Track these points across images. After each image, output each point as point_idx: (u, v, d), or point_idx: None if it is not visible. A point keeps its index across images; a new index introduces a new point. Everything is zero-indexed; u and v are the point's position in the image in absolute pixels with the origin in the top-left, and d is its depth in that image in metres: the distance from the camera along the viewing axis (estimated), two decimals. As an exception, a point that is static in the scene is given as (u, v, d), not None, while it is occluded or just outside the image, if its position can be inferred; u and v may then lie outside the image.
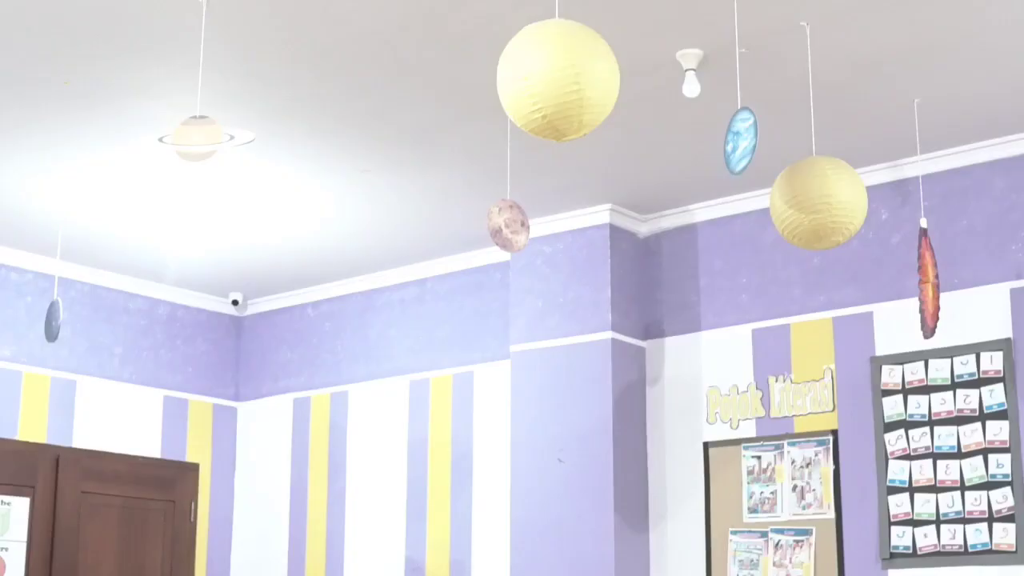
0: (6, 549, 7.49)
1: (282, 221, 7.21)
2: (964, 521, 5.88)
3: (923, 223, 5.48)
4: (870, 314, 6.31)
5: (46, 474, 7.74)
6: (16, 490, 7.59)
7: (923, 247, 5.46)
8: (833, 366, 6.38)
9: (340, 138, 6.05)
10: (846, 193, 4.49)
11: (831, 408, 6.35)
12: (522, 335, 7.14)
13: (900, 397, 6.13)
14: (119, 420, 8.25)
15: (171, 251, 7.77)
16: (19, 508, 7.59)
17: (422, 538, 7.75)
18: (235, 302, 8.81)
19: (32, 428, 7.78)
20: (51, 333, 6.70)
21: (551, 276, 7.08)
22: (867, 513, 6.15)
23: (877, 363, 6.22)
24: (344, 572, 8.09)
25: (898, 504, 6.05)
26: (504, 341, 7.46)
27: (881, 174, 6.27)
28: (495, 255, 7.59)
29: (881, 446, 6.14)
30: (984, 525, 5.84)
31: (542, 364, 7.02)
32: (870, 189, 5.12)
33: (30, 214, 7.10)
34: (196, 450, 8.66)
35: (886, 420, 6.15)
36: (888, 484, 6.09)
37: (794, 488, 6.39)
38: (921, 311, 5.43)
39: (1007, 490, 5.80)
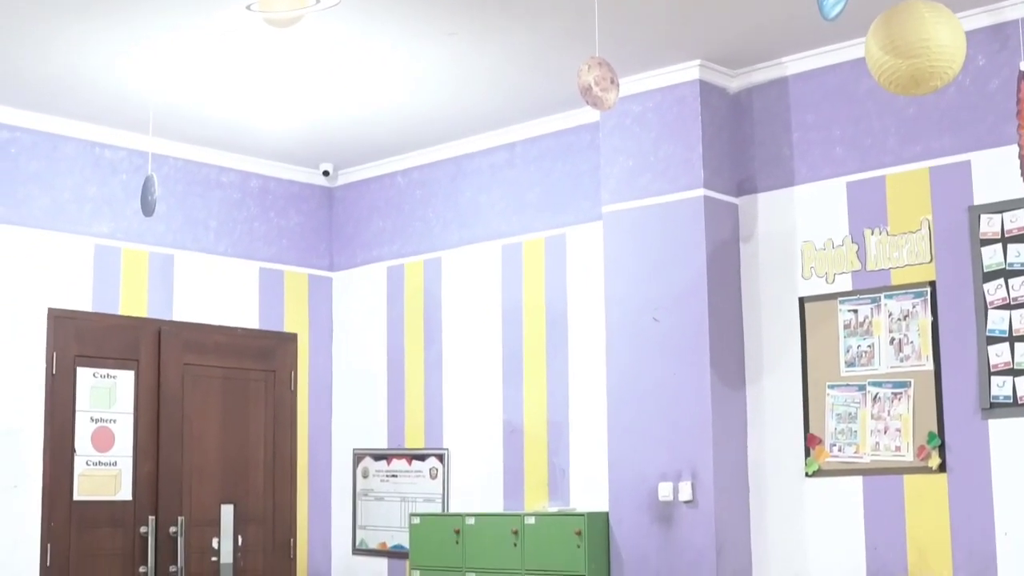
0: (114, 421, 7.69)
1: (369, 89, 7.20)
2: (1066, 369, 5.84)
3: (1022, 67, 5.37)
4: (967, 163, 6.21)
5: (149, 347, 7.92)
6: (121, 364, 7.78)
7: (1022, 92, 5.35)
8: (930, 217, 6.30)
9: (425, 1, 6.01)
10: (945, 36, 4.40)
11: (928, 259, 6.28)
12: (614, 195, 7.11)
13: (999, 246, 6.05)
14: (217, 293, 8.37)
15: (261, 123, 7.80)
16: (124, 381, 7.78)
17: (519, 401, 7.83)
18: (326, 172, 8.85)
19: (133, 303, 7.92)
20: (147, 208, 6.78)
21: (641, 135, 7.02)
22: (966, 364, 6.11)
23: (975, 212, 6.13)
24: (443, 436, 8.21)
25: (998, 354, 6.00)
26: (596, 202, 7.43)
27: (978, 19, 6.12)
28: (584, 116, 7.54)
29: (980, 296, 6.08)
30: (1087, 372, 5.80)
31: (634, 224, 7.00)
32: (966, 35, 5.00)
33: (121, 91, 7.16)
34: (293, 320, 8.78)
35: (985, 270, 6.07)
36: (988, 334, 6.04)
37: (891, 341, 6.36)
38: (1020, 157, 5.34)
39: (1110, 336, 5.74)
